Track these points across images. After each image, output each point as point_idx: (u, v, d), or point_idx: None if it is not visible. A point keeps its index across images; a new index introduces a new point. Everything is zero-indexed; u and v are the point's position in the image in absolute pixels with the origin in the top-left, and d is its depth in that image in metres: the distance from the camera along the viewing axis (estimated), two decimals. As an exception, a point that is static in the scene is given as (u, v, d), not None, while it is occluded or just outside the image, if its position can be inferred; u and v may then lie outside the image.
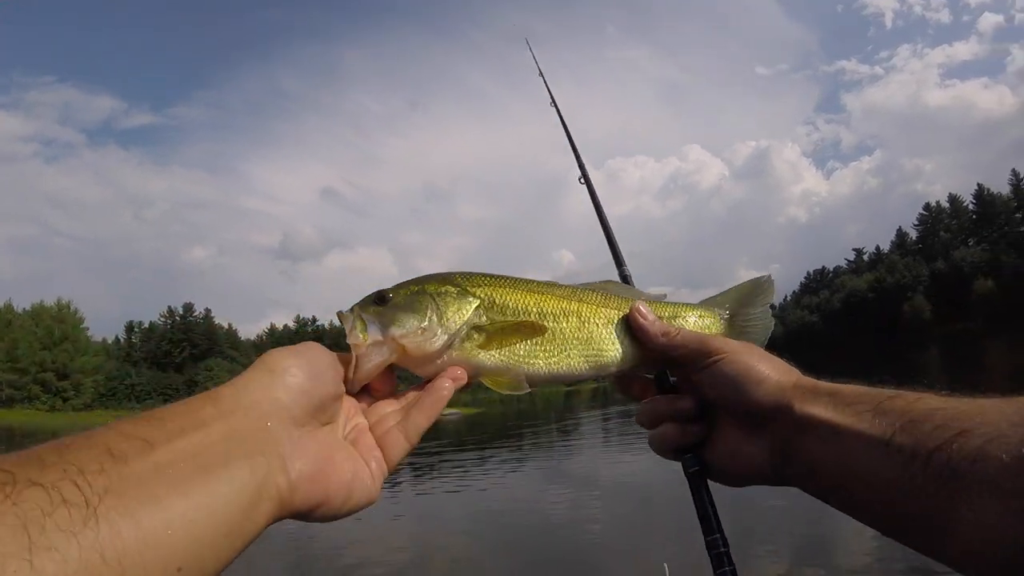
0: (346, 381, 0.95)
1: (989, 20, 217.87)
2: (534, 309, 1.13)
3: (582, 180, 1.74)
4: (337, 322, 1.04)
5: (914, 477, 0.79)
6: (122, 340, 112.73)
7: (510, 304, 1.12)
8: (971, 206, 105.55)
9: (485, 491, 15.03)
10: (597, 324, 1.18)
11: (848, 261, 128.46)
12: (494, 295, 1.11)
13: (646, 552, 9.08)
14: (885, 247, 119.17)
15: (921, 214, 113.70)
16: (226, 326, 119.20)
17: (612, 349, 1.18)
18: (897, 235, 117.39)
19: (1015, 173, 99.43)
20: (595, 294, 1.21)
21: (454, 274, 1.12)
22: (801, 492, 1.01)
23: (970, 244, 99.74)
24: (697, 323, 1.27)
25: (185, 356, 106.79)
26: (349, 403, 0.96)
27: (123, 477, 0.61)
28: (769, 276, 1.33)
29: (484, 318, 1.08)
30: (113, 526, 0.57)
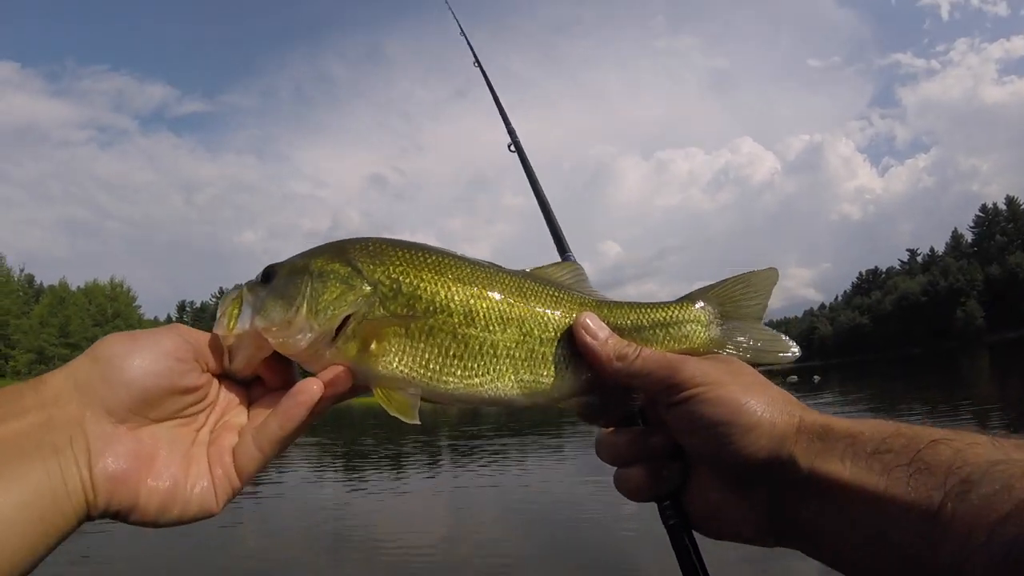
0: (225, 369, 0.86)
1: None
2: (459, 307, 0.87)
3: (512, 148, 1.53)
4: None
5: (970, 556, 0.59)
6: (174, 319, 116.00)
7: (423, 295, 0.86)
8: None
9: (521, 478, 14.99)
10: (543, 338, 0.91)
11: (901, 262, 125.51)
12: (401, 279, 0.86)
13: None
14: (939, 248, 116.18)
15: (977, 216, 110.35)
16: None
17: (557, 375, 0.91)
18: (952, 237, 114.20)
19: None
20: (545, 291, 0.94)
21: (353, 245, 0.89)
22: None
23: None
24: (672, 334, 0.97)
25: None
26: (232, 394, 0.87)
27: None
28: (775, 270, 1.02)
29: (379, 310, 0.84)
30: None
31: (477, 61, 1.80)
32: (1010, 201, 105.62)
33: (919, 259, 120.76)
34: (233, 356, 0.84)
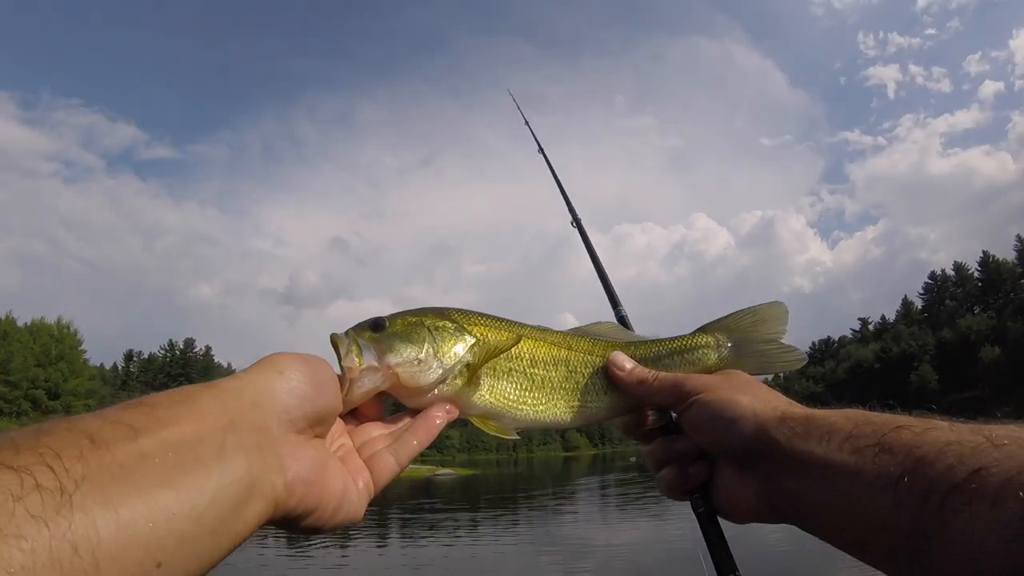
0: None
1: (989, 88, 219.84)
2: (527, 355, 1.12)
3: (573, 224, 1.77)
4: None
5: (926, 519, 0.72)
6: (120, 368, 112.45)
7: (504, 347, 1.09)
8: (976, 273, 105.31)
9: (475, 553, 14.40)
10: (584, 374, 1.15)
11: (853, 331, 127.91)
12: (489, 336, 1.08)
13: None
14: (890, 315, 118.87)
15: (927, 283, 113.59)
16: (225, 365, 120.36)
17: (598, 399, 1.16)
18: (903, 305, 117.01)
19: (1020, 239, 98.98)
20: (584, 340, 1.19)
21: (451, 310, 1.10)
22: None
23: (976, 312, 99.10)
24: (686, 358, 1.21)
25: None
26: (336, 423, 0.92)
27: (103, 465, 0.56)
28: (782, 303, 1.23)
29: (478, 358, 1.05)
30: (88, 516, 0.52)
31: (541, 149, 2.05)
32: (958, 267, 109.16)
33: (871, 327, 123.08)
34: (353, 389, 0.94)
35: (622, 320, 1.42)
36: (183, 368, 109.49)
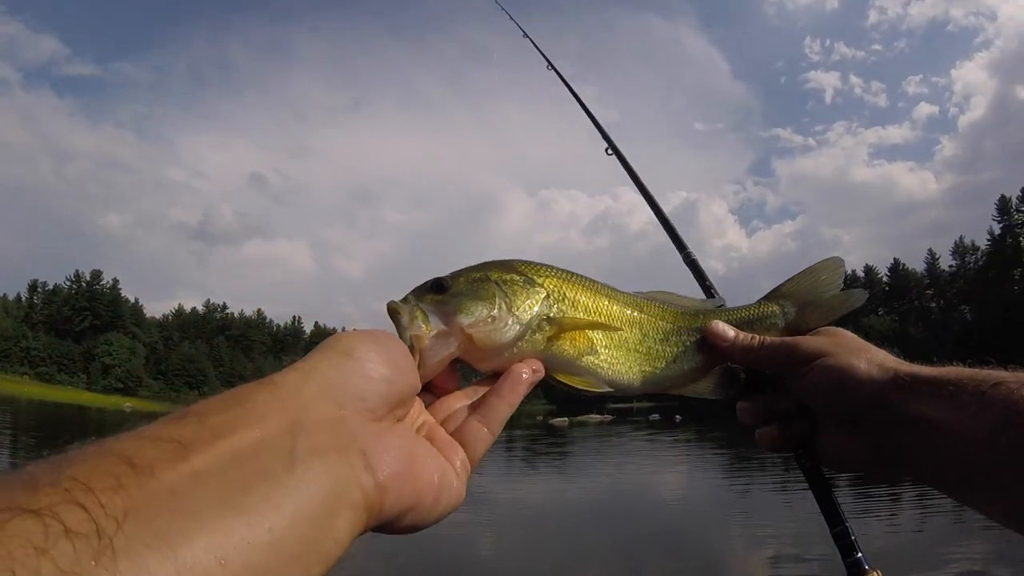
0: None
1: (924, 109, 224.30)
2: (604, 311, 1.06)
3: (609, 152, 1.74)
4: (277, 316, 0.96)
5: (1018, 467, 0.80)
6: (23, 299, 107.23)
7: (581, 300, 1.03)
8: (885, 278, 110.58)
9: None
10: (656, 339, 1.12)
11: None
12: (563, 289, 1.02)
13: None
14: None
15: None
16: (132, 300, 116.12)
17: (668, 367, 1.13)
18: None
19: (931, 253, 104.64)
20: (652, 305, 1.14)
21: (516, 262, 1.03)
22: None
23: (880, 313, 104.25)
24: (756, 328, 1.20)
25: (86, 326, 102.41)
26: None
27: (149, 494, 0.44)
28: (838, 258, 1.27)
29: (555, 310, 0.99)
30: (137, 562, 0.41)
31: (551, 65, 2.02)
32: (868, 269, 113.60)
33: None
34: (425, 359, 0.85)
35: (692, 264, 1.43)
36: (89, 302, 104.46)
